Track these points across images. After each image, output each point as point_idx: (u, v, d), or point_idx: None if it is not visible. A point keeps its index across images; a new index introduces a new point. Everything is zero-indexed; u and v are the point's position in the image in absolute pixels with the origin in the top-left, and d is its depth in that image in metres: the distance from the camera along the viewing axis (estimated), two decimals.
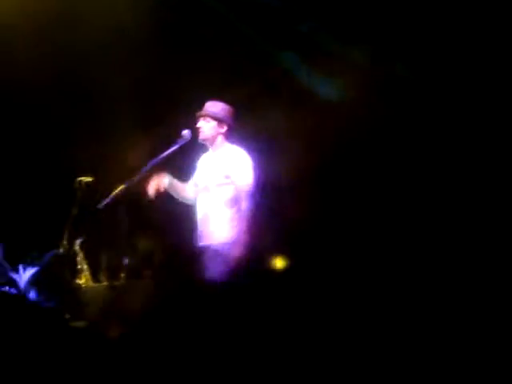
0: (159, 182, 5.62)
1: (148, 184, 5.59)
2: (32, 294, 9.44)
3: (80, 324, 7.30)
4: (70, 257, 7.35)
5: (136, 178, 5.52)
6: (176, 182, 5.81)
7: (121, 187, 5.43)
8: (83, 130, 8.05)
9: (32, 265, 9.31)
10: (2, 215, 8.23)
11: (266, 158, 6.50)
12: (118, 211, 5.34)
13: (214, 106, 5.92)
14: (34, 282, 9.26)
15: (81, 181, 7.19)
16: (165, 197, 5.82)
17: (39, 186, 8.39)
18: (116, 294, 6.96)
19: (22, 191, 8.37)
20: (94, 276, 7.37)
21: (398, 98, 7.38)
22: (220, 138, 5.96)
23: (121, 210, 5.30)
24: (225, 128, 5.95)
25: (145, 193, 5.59)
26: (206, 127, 5.89)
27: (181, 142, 5.79)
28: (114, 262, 6.86)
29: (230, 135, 6.00)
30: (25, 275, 9.40)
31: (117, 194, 5.34)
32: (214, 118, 5.91)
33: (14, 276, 9.18)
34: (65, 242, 7.33)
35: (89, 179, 7.16)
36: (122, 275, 6.65)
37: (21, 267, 9.22)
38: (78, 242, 7.27)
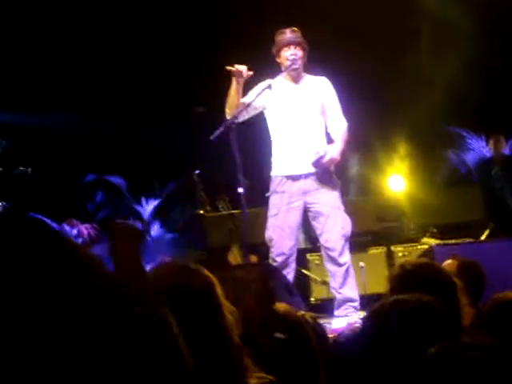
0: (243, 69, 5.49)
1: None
2: (155, 225, 9.79)
3: None
4: (190, 188, 7.49)
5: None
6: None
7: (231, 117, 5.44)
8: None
9: (154, 197, 9.63)
10: (124, 152, 8.43)
11: None
12: (232, 141, 5.35)
13: (301, 35, 5.78)
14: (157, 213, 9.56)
15: (195, 111, 7.26)
16: None
17: (158, 121, 8.52)
18: (235, 221, 7.08)
19: (142, 128, 8.53)
20: (213, 205, 7.50)
21: None
22: (302, 68, 5.85)
23: (233, 140, 5.30)
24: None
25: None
26: (301, 55, 5.77)
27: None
28: (231, 191, 6.93)
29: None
30: (148, 207, 9.74)
31: (228, 124, 5.36)
32: (305, 48, 5.80)
33: (138, 208, 9.53)
34: (184, 173, 7.46)
35: (202, 109, 7.22)
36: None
37: (143, 199, 9.55)
38: (196, 172, 7.37)
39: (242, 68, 5.57)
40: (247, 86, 5.80)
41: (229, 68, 5.59)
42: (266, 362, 2.16)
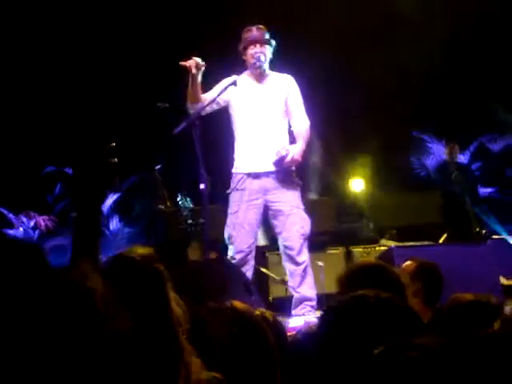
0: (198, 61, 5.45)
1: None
2: (115, 219, 9.72)
3: None
4: (150, 182, 7.44)
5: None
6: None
7: (195, 113, 5.42)
8: None
9: (114, 190, 9.55)
10: (82, 142, 8.33)
11: None
12: (195, 137, 5.33)
13: (266, 33, 5.77)
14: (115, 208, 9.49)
15: (159, 106, 7.21)
16: None
17: (118, 111, 8.47)
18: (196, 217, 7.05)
19: (105, 121, 8.47)
20: (174, 200, 7.46)
21: None
22: (267, 66, 5.85)
23: (196, 135, 5.29)
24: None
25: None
26: (266, 53, 5.76)
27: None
28: (191, 186, 6.91)
29: None
30: (108, 201, 9.66)
31: (191, 120, 5.34)
32: (270, 44, 5.79)
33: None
34: (144, 168, 7.42)
35: (165, 105, 7.18)
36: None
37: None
38: (157, 167, 7.32)
39: (193, 62, 5.51)
40: (214, 80, 5.78)
41: (182, 64, 5.55)
42: (219, 358, 2.14)
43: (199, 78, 5.57)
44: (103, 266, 2.27)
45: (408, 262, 4.07)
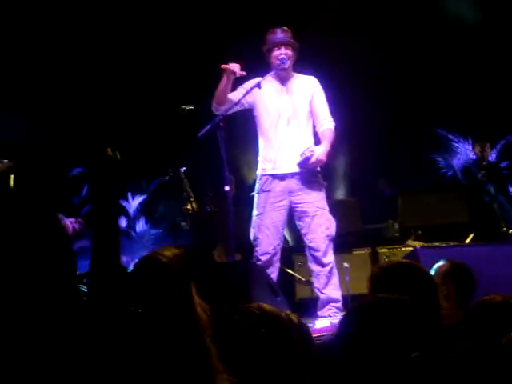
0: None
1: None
2: (141, 221, 9.76)
3: None
4: (176, 184, 7.47)
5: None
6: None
7: (219, 115, 5.45)
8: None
9: (140, 192, 9.61)
10: (111, 147, 8.38)
11: None
12: (219, 139, 5.36)
13: (290, 34, 5.78)
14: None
15: (183, 108, 7.24)
16: None
17: (144, 115, 8.52)
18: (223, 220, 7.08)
19: (127, 120, 8.53)
20: (199, 202, 7.48)
21: None
22: (291, 68, 5.86)
23: (221, 138, 5.32)
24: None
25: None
26: (291, 55, 5.77)
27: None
28: (217, 189, 6.94)
29: None
30: (134, 202, 9.72)
31: (216, 122, 5.36)
32: (295, 48, 5.81)
33: (124, 203, 9.50)
34: (170, 170, 7.44)
35: (191, 107, 7.21)
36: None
37: (129, 195, 9.54)
38: (182, 169, 7.35)
39: (235, 67, 5.58)
40: (237, 80, 5.81)
41: (223, 66, 5.60)
42: (247, 359, 2.16)
43: (231, 80, 5.62)
44: (133, 268, 2.29)
45: (441, 263, 4.03)
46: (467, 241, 7.51)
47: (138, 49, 8.46)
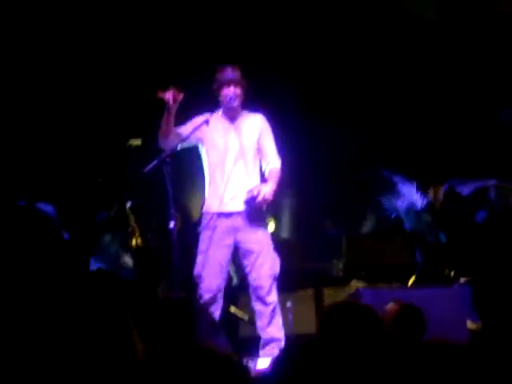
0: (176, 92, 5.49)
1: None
2: None
3: None
4: (121, 219, 7.42)
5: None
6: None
7: (166, 151, 5.45)
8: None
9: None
10: (55, 178, 8.32)
11: None
12: (166, 175, 5.36)
13: (240, 73, 5.83)
14: None
15: (130, 144, 7.24)
16: None
17: (90, 149, 8.46)
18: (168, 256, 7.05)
19: (73, 153, 8.45)
20: (144, 238, 7.44)
21: None
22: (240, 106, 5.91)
23: (167, 174, 5.32)
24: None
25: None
26: (239, 94, 5.81)
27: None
28: (162, 225, 6.91)
29: None
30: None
31: (163, 158, 5.36)
32: (244, 86, 5.85)
33: (67, 237, 9.37)
34: (115, 205, 7.39)
35: (138, 142, 7.20)
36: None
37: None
38: (128, 204, 7.32)
39: (171, 94, 5.55)
40: (186, 114, 5.81)
41: (160, 95, 5.59)
42: None
43: (174, 111, 5.61)
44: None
45: (390, 305, 4.05)
46: (410, 283, 7.58)
47: (85, 82, 8.41)
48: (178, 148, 5.69)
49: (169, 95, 5.55)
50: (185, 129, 5.77)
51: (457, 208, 9.06)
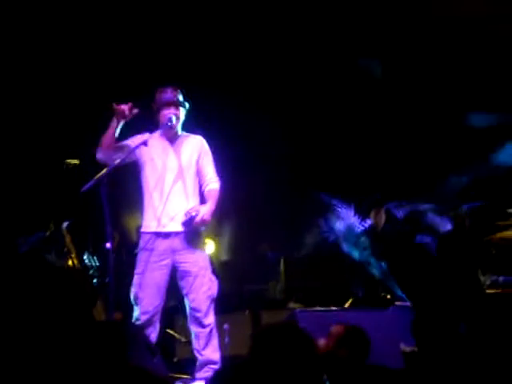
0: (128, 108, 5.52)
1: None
2: None
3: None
4: (57, 239, 7.33)
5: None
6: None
7: (103, 171, 5.41)
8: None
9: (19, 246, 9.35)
10: None
11: None
12: (102, 195, 5.32)
13: (180, 95, 5.84)
14: None
15: (68, 163, 7.17)
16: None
17: (25, 168, 8.36)
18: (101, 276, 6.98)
19: (8, 172, 8.34)
20: (80, 258, 7.37)
21: None
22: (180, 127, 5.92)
23: (104, 195, 5.28)
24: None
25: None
26: (179, 115, 5.83)
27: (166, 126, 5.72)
28: (99, 244, 6.86)
29: None
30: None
31: (100, 178, 5.32)
32: (183, 106, 5.87)
33: None
34: (51, 225, 7.31)
35: (75, 161, 7.14)
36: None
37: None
38: (65, 224, 7.24)
39: (125, 107, 5.57)
40: (124, 134, 5.80)
41: (114, 106, 5.58)
42: None
43: (120, 125, 5.61)
44: None
45: (336, 326, 4.08)
46: (346, 305, 7.64)
47: (23, 100, 8.32)
48: (116, 163, 5.60)
49: (125, 106, 5.57)
50: (123, 146, 5.74)
51: (393, 230, 9.18)
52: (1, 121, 8.25)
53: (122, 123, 5.65)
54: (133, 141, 5.77)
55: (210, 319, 5.69)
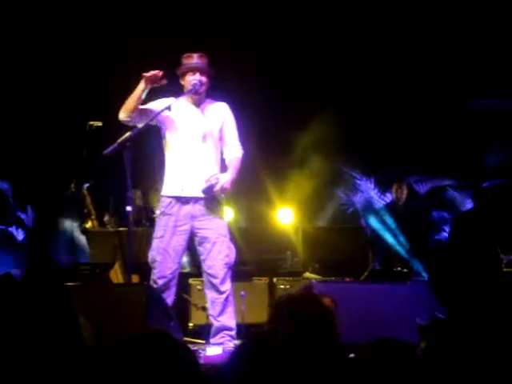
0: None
1: None
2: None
3: None
4: (78, 200, 7.37)
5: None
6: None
7: (127, 134, 5.42)
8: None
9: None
10: (13, 156, 8.23)
11: None
12: (125, 159, 5.33)
13: (206, 61, 5.81)
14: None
15: (91, 125, 7.18)
16: None
17: (50, 127, 8.39)
18: (121, 239, 7.02)
19: (33, 131, 8.37)
20: (100, 220, 7.40)
21: None
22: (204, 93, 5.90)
23: (127, 159, 5.30)
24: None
25: None
26: (205, 82, 5.81)
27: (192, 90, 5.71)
28: (120, 207, 6.88)
29: None
30: (33, 215, 9.51)
31: (123, 141, 5.33)
32: (210, 75, 5.84)
33: (22, 216, 9.30)
34: (73, 185, 7.34)
35: (99, 124, 7.15)
36: None
37: (29, 208, 9.33)
38: (85, 185, 7.27)
39: (157, 75, 5.58)
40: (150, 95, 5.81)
41: (146, 75, 5.57)
42: None
43: (147, 90, 5.62)
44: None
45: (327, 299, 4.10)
46: (362, 278, 7.65)
47: (47, 64, 8.33)
48: (140, 127, 5.61)
49: (157, 72, 5.57)
50: (147, 110, 5.73)
51: (415, 205, 9.16)
52: (28, 82, 8.27)
53: (149, 88, 5.64)
54: (157, 104, 5.76)
55: (227, 286, 5.71)
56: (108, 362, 2.09)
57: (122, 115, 5.66)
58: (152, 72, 5.59)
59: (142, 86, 5.62)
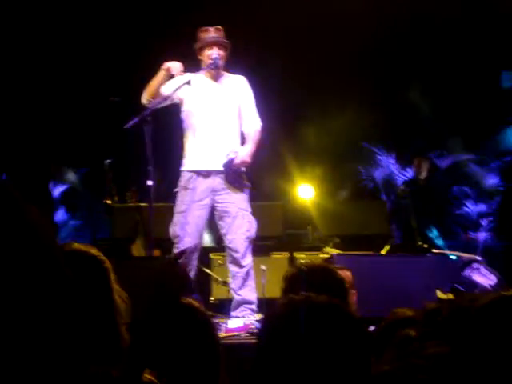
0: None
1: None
2: (61, 210, 9.64)
3: None
4: (99, 175, 7.40)
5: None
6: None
7: (147, 109, 5.44)
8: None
9: (62, 182, 9.49)
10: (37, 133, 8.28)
11: None
12: (146, 133, 5.36)
13: (223, 35, 5.81)
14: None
15: (112, 100, 7.20)
16: None
17: (70, 104, 8.41)
18: (142, 214, 7.05)
19: (53, 107, 8.40)
20: (122, 196, 7.43)
21: None
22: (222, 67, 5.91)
23: (146, 132, 5.32)
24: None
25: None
26: (223, 55, 5.81)
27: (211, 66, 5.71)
28: (141, 183, 6.90)
29: None
30: (55, 191, 9.58)
31: (143, 116, 5.35)
32: (227, 48, 5.84)
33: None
34: (95, 161, 7.37)
35: (118, 99, 7.16)
36: None
37: (51, 183, 9.42)
38: (107, 161, 7.28)
39: (177, 68, 5.64)
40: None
41: (166, 66, 5.63)
42: (165, 352, 2.16)
43: (167, 80, 5.68)
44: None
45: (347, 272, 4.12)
46: (383, 252, 7.65)
47: (67, 40, 8.34)
48: (160, 106, 5.67)
49: (178, 64, 5.69)
50: (166, 88, 5.75)
51: (436, 180, 9.13)
52: (49, 59, 8.29)
53: (168, 77, 5.71)
54: (175, 81, 5.78)
55: (248, 260, 5.74)
56: (142, 332, 2.11)
57: (146, 102, 5.72)
58: (172, 65, 5.64)
59: (161, 75, 5.68)
